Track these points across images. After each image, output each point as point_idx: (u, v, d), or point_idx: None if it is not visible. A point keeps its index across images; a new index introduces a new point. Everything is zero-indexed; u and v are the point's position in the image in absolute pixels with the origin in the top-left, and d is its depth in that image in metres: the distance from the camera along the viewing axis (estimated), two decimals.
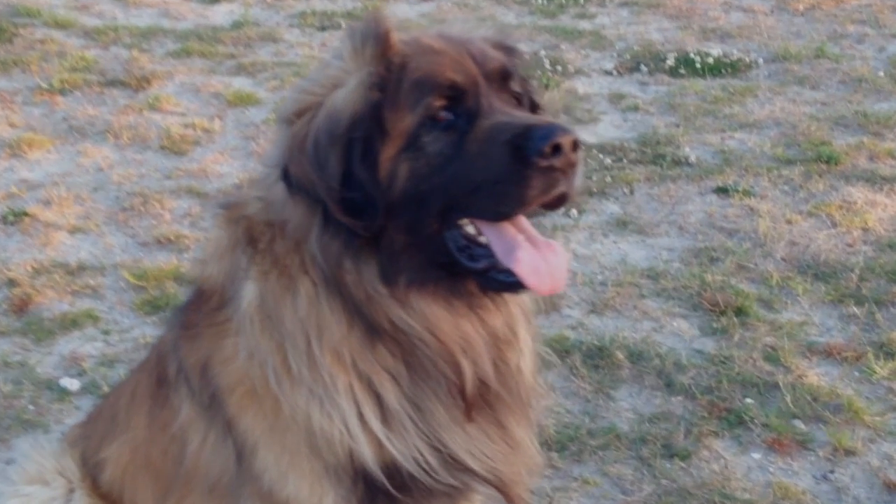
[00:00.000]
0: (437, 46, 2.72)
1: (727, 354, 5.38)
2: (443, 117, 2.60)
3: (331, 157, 2.57)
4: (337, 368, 2.68)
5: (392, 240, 2.63)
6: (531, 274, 2.57)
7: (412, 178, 2.59)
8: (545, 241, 2.67)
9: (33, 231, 6.76)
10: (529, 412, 2.99)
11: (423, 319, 2.67)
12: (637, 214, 7.02)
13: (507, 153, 2.51)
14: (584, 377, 5.23)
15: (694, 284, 6.06)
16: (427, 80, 2.62)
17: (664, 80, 9.66)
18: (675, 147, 8.06)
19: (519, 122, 2.58)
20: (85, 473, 3.44)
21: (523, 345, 2.91)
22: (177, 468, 3.14)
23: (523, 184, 2.49)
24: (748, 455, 4.71)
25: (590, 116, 8.80)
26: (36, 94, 9.29)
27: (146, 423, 3.26)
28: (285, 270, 2.71)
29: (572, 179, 2.55)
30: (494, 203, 2.54)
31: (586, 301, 5.96)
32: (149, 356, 3.46)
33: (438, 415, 2.75)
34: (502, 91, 2.72)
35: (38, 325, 5.67)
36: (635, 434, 4.82)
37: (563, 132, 2.49)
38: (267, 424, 2.81)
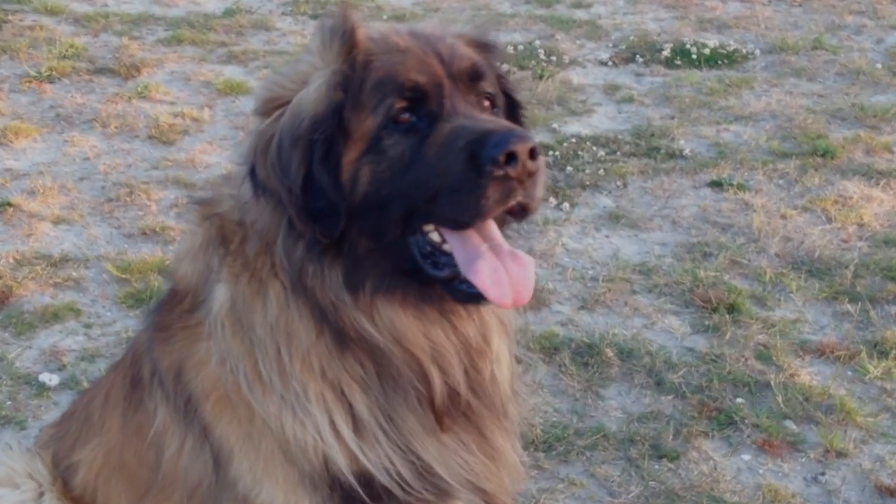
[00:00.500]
0: (402, 45, 2.62)
1: (718, 353, 5.29)
2: (404, 119, 2.51)
3: (293, 158, 2.48)
4: (307, 376, 2.60)
5: (355, 245, 2.55)
6: (491, 286, 2.46)
7: (373, 183, 2.50)
8: (510, 251, 2.55)
9: (17, 221, 6.66)
10: (508, 421, 2.90)
11: (391, 327, 2.58)
12: (630, 208, 6.93)
13: (462, 160, 2.41)
14: (572, 375, 5.14)
15: (686, 280, 5.98)
16: (389, 80, 2.53)
17: (660, 72, 9.55)
18: (669, 140, 7.96)
19: (476, 127, 2.47)
20: (56, 476, 3.35)
21: (498, 353, 2.81)
22: (152, 473, 3.05)
23: (478, 193, 2.38)
24: (738, 456, 4.63)
25: (584, 108, 8.69)
26: (24, 82, 9.17)
27: (120, 426, 3.17)
28: (256, 273, 2.62)
29: (532, 189, 2.44)
30: (452, 211, 2.44)
31: (577, 297, 5.87)
32: (124, 356, 3.37)
33: (411, 425, 2.67)
34: (470, 92, 2.62)
35: (18, 319, 5.58)
36: (624, 434, 4.74)
37: (519, 139, 2.38)
38: (242, 431, 2.73)
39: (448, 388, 2.67)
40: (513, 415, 2.95)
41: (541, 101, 8.70)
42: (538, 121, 8.28)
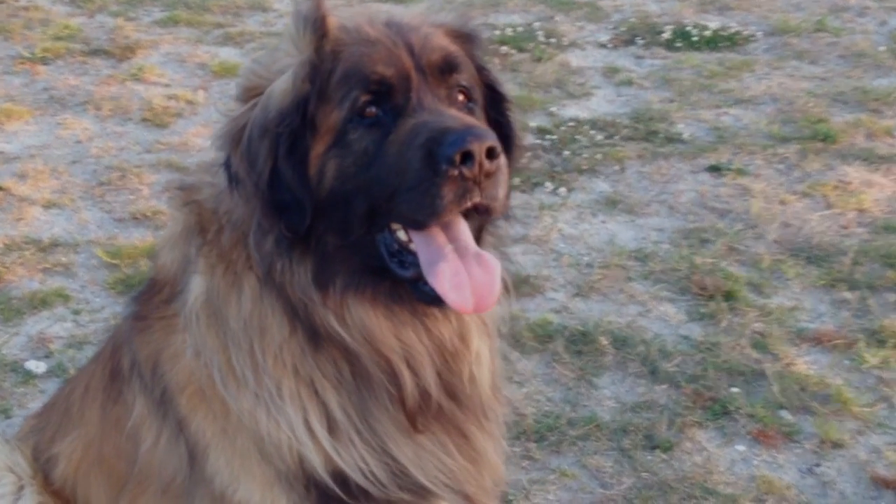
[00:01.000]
0: (372, 35, 2.54)
1: (714, 341, 5.22)
2: (370, 113, 2.43)
3: (260, 151, 2.42)
4: (280, 373, 2.53)
5: (323, 241, 2.48)
6: (451, 290, 2.38)
7: (339, 178, 2.43)
8: (476, 254, 2.46)
9: (7, 206, 6.60)
10: (489, 423, 2.83)
11: (360, 327, 2.51)
12: (627, 193, 6.84)
13: (420, 158, 2.34)
14: (566, 363, 5.07)
15: (683, 267, 5.90)
16: (354, 72, 2.45)
17: (660, 54, 9.44)
18: (668, 123, 7.87)
19: (436, 124, 2.39)
20: (36, 469, 3.30)
21: (478, 354, 2.72)
22: (130, 467, 2.99)
23: (433, 192, 2.31)
24: (732, 447, 4.57)
25: (582, 91, 8.59)
26: (17, 63, 9.10)
27: (99, 419, 3.11)
28: (231, 265, 2.55)
29: (491, 190, 2.35)
30: (410, 210, 2.37)
31: (571, 283, 5.80)
32: (104, 346, 3.31)
33: (385, 425, 2.60)
34: (441, 85, 2.53)
35: (6, 305, 5.52)
36: (617, 424, 4.67)
37: (476, 138, 2.29)
38: (218, 426, 2.67)
39: (419, 390, 2.60)
40: (495, 416, 2.87)
41: (539, 84, 8.61)
42: (536, 104, 8.20)
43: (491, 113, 2.71)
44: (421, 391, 2.60)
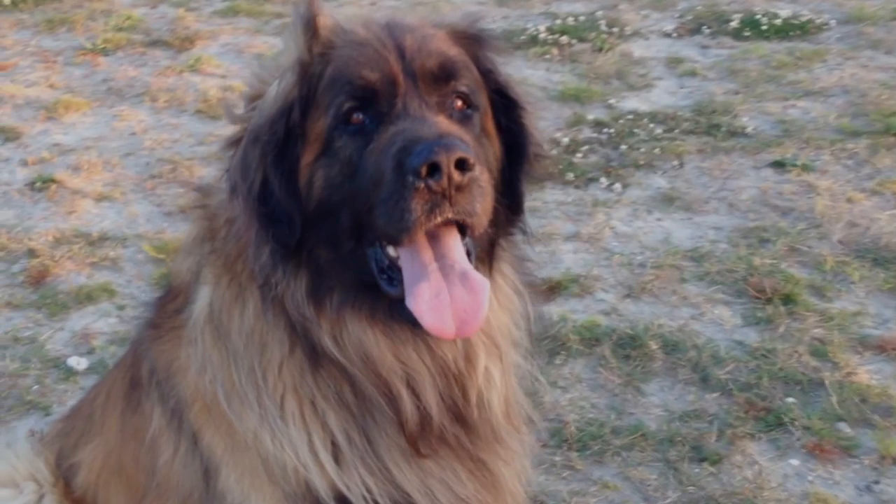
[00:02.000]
0: (362, 37, 2.40)
1: (770, 347, 4.98)
2: (356, 120, 2.31)
3: (253, 159, 2.32)
4: (281, 392, 2.42)
5: (315, 255, 2.36)
6: (428, 312, 2.23)
7: (327, 188, 2.31)
8: (462, 273, 2.29)
9: (59, 198, 6.62)
10: (506, 448, 2.67)
11: (357, 346, 2.38)
12: (685, 189, 6.61)
13: (391, 169, 2.20)
14: (613, 369, 4.90)
15: (740, 268, 5.66)
16: (340, 77, 2.33)
17: (727, 44, 9.14)
18: (731, 116, 7.59)
19: (411, 132, 2.23)
20: (58, 476, 3.25)
21: (487, 377, 2.56)
22: (149, 478, 2.91)
23: (403, 206, 2.17)
24: (785, 461, 4.35)
25: (643, 82, 8.35)
26: (78, 55, 9.18)
27: (119, 427, 3.04)
28: (236, 277, 2.45)
29: (466, 205, 2.19)
30: (384, 224, 2.23)
31: (622, 284, 5.61)
32: (127, 352, 3.24)
33: (390, 450, 2.48)
34: (434, 92, 2.38)
35: (52, 299, 5.52)
36: (663, 434, 4.49)
37: (444, 149, 2.13)
38: (227, 443, 2.57)
39: (420, 413, 2.46)
40: (513, 442, 2.71)
41: (598, 76, 8.39)
42: (594, 96, 7.99)
43: (501, 120, 2.55)
44: (422, 414, 2.46)
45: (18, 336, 5.23)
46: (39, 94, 8.30)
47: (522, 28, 9.51)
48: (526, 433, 2.85)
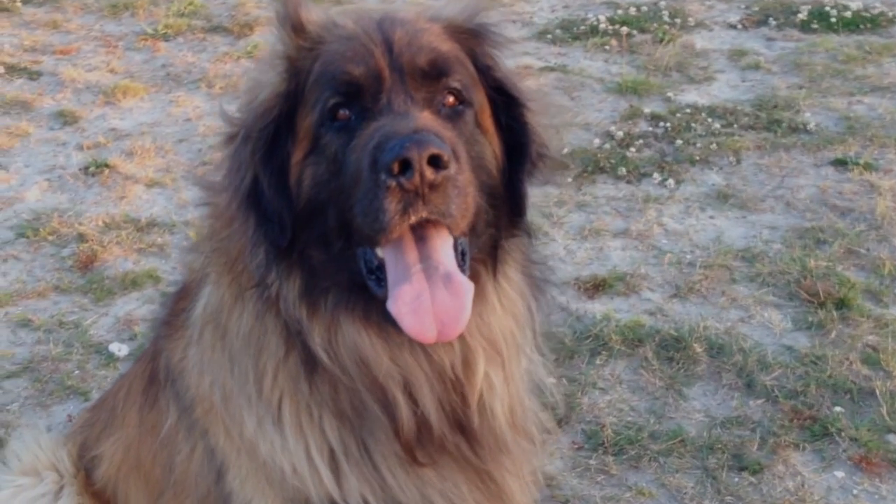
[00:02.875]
0: (350, 31, 2.34)
1: (820, 353, 4.82)
2: (342, 116, 2.24)
3: (244, 156, 2.28)
4: (278, 397, 2.37)
5: (307, 255, 2.31)
6: (408, 315, 2.15)
7: (315, 186, 2.26)
8: (446, 275, 2.21)
9: (112, 183, 6.68)
10: (510, 460, 2.58)
11: (352, 349, 2.31)
12: (741, 187, 6.43)
13: (367, 166, 2.13)
14: (655, 371, 4.77)
15: (793, 270, 5.48)
16: (326, 71, 2.28)
17: (793, 36, 8.87)
18: (793, 112, 7.36)
19: (388, 128, 2.16)
20: (80, 468, 3.26)
21: (491, 382, 2.48)
22: (166, 475, 2.90)
23: (377, 205, 2.10)
24: (830, 473, 4.20)
25: (704, 75, 8.14)
26: (139, 40, 9.26)
27: (137, 423, 3.04)
28: (237, 277, 2.40)
29: (441, 205, 2.11)
30: (361, 224, 2.16)
31: (670, 283, 5.47)
32: (148, 346, 3.23)
33: (387, 458, 2.41)
34: (423, 88, 2.30)
35: (98, 285, 5.57)
36: (703, 440, 4.36)
37: (416, 145, 2.05)
38: (232, 445, 2.54)
39: (417, 420, 2.39)
40: (518, 451, 2.62)
41: (658, 68, 8.21)
42: (652, 89, 7.81)
43: (501, 117, 2.46)
44: (419, 421, 2.39)
45: (63, 320, 5.28)
46: (99, 79, 8.38)
47: (583, 18, 9.35)
48: (538, 442, 2.75)
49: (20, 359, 4.99)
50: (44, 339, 5.12)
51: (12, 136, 7.35)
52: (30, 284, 5.59)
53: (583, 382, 4.71)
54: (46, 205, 6.43)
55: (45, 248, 5.93)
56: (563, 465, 4.26)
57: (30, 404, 4.69)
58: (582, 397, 4.62)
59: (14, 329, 5.22)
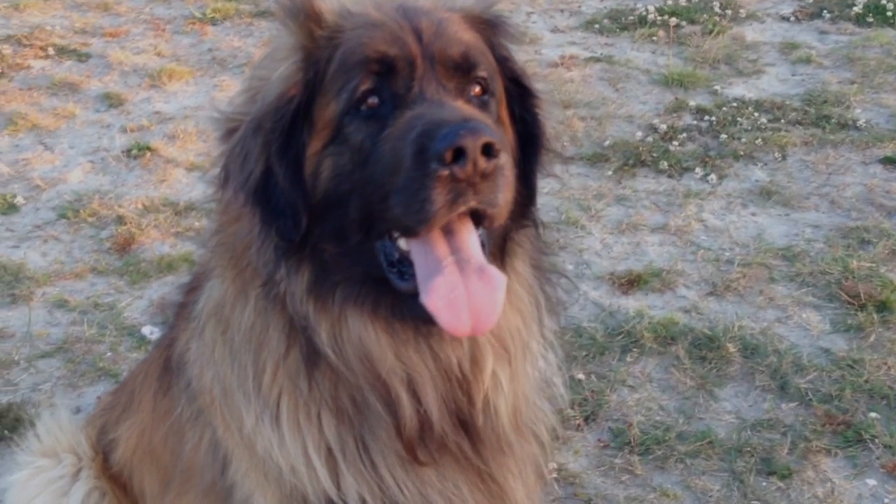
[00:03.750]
0: (375, 19, 2.30)
1: (857, 357, 4.70)
2: (371, 104, 2.19)
3: (254, 148, 2.23)
4: (277, 393, 2.35)
5: (320, 249, 2.26)
6: (443, 308, 2.10)
7: (335, 177, 2.21)
8: (479, 267, 2.17)
9: (153, 166, 6.73)
10: (513, 458, 2.54)
11: (357, 344, 2.28)
12: (785, 183, 6.29)
13: (411, 155, 2.07)
14: (686, 370, 4.70)
15: (835, 270, 5.36)
16: (353, 57, 2.22)
17: (847, 29, 8.67)
18: (843, 107, 7.19)
19: (432, 116, 2.12)
20: (98, 451, 3.29)
21: (498, 381, 2.44)
22: (175, 463, 2.91)
23: (424, 194, 2.04)
24: (861, 480, 4.10)
25: (753, 68, 7.99)
26: (188, 24, 9.30)
27: (151, 408, 3.05)
28: (242, 271, 2.38)
29: (489, 195, 2.07)
30: (401, 215, 2.11)
31: (706, 281, 5.38)
32: (165, 333, 3.24)
33: (386, 457, 2.38)
34: (453, 78, 2.26)
35: (135, 267, 5.62)
36: (732, 443, 4.28)
37: (471, 133, 2.01)
38: (234, 438, 2.53)
39: (419, 418, 2.35)
40: (521, 452, 2.57)
41: (706, 60, 8.07)
42: (699, 81, 7.68)
43: (515, 109, 2.43)
44: (421, 419, 2.35)
45: (99, 302, 5.33)
46: (146, 62, 8.45)
47: (631, 8, 9.23)
48: (545, 443, 2.70)
49: (55, 339, 5.05)
50: (79, 320, 5.18)
51: (59, 118, 7.43)
52: (68, 265, 5.66)
53: (612, 379, 4.65)
54: (88, 186, 6.49)
55: (85, 230, 6.00)
56: (587, 463, 4.21)
57: (62, 385, 4.74)
58: (611, 394, 4.56)
59: (51, 309, 5.29)
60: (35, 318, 5.18)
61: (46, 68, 8.30)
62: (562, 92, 7.50)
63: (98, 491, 3.13)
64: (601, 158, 6.62)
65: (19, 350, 4.94)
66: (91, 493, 3.12)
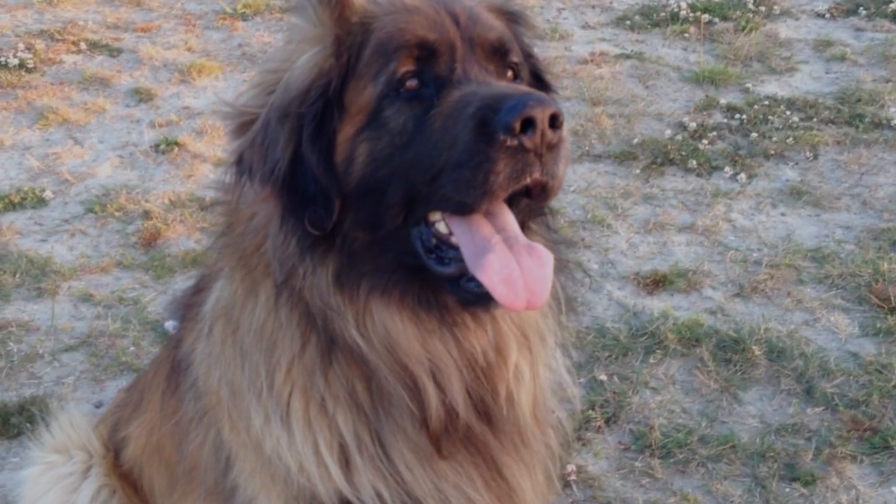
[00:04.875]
0: (410, 4, 2.30)
1: (886, 362, 4.62)
2: (410, 86, 2.18)
3: (280, 136, 2.19)
4: (289, 391, 2.34)
5: (351, 238, 2.24)
6: (500, 284, 2.10)
7: (372, 163, 2.18)
8: (527, 245, 2.18)
9: (181, 162, 6.75)
10: (528, 452, 2.52)
11: (383, 334, 2.25)
12: (816, 183, 6.20)
13: (471, 129, 2.06)
14: (710, 372, 4.64)
15: (865, 273, 5.27)
16: (392, 40, 2.21)
17: (883, 27, 8.53)
18: (877, 106, 7.08)
19: (492, 90, 2.13)
20: (110, 448, 3.29)
21: (520, 372, 2.43)
22: (180, 463, 2.91)
23: (487, 167, 2.03)
24: (887, 488, 4.03)
25: (786, 66, 7.88)
26: (219, 19, 9.32)
27: (159, 408, 3.05)
28: (251, 271, 2.37)
29: (552, 166, 2.08)
30: (457, 191, 2.09)
31: (733, 282, 5.31)
32: (174, 332, 3.24)
33: (403, 451, 2.35)
34: (491, 61, 2.28)
35: (160, 262, 5.64)
36: (755, 447, 4.22)
37: (539, 104, 2.02)
38: (238, 440, 2.51)
39: (445, 409, 2.33)
40: (537, 445, 2.56)
41: (738, 57, 7.97)
42: (730, 79, 7.59)
43: None
44: (447, 410, 2.33)
45: (124, 297, 5.36)
46: (177, 57, 8.47)
47: (663, 4, 9.13)
48: (554, 445, 2.68)
49: (79, 333, 5.07)
50: (103, 314, 5.21)
51: (89, 112, 7.47)
52: (94, 259, 5.69)
53: (634, 381, 4.60)
54: (116, 181, 6.52)
55: (112, 224, 6.03)
56: (607, 466, 4.17)
57: (85, 379, 4.77)
58: (633, 396, 4.51)
59: (76, 303, 5.32)
60: (60, 311, 5.22)
61: (78, 63, 8.35)
62: (591, 89, 7.45)
63: (108, 488, 3.14)
64: (629, 157, 6.56)
65: (43, 343, 4.97)
66: (101, 490, 3.12)
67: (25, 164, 6.67)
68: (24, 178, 6.53)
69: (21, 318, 5.15)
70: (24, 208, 6.16)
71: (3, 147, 6.90)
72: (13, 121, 7.27)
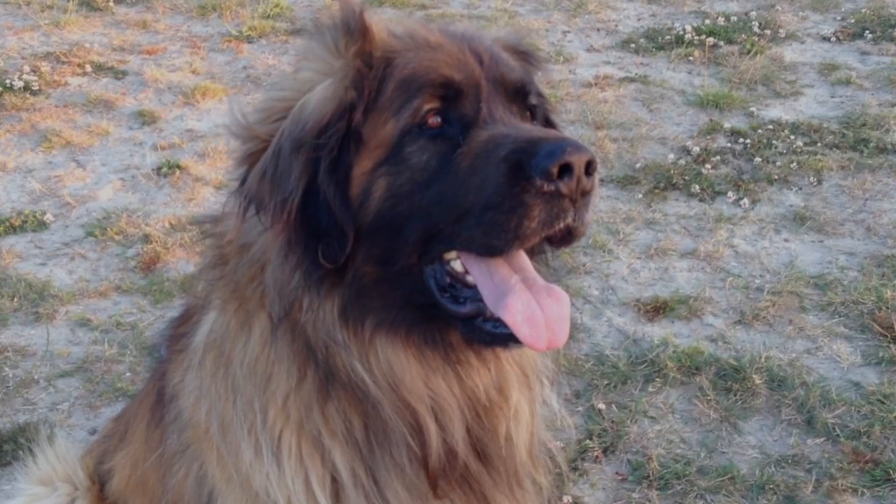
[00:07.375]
0: (433, 41, 2.27)
1: (888, 392, 4.56)
2: (434, 124, 2.15)
3: (293, 166, 2.14)
4: (282, 426, 2.30)
5: (360, 273, 2.20)
6: (524, 324, 2.09)
7: (390, 198, 2.14)
8: (546, 286, 2.18)
9: (182, 185, 6.74)
10: (522, 492, 2.49)
11: (387, 370, 2.22)
12: (820, 209, 6.16)
13: (504, 172, 2.04)
14: (710, 401, 4.58)
15: (868, 300, 5.22)
16: (417, 77, 2.18)
17: (889, 50, 8.51)
18: (883, 131, 7.04)
19: (523, 134, 2.11)
20: (95, 480, 3.26)
21: (517, 411, 2.41)
22: (163, 496, 2.87)
23: (521, 211, 2.01)
24: None
25: (791, 90, 7.85)
26: (224, 41, 9.35)
27: (143, 439, 3.01)
28: (244, 303, 2.33)
29: (582, 212, 2.06)
30: (485, 234, 2.06)
31: (734, 309, 5.26)
32: (159, 364, 3.21)
33: (397, 489, 2.32)
34: (513, 102, 2.27)
35: (158, 286, 5.61)
36: (755, 479, 4.16)
37: (577, 150, 2.01)
38: (223, 474, 2.47)
39: (445, 447, 2.30)
40: (530, 485, 2.52)
41: (743, 81, 7.94)
42: (735, 103, 7.56)
43: None
44: (447, 449, 2.30)
45: (121, 321, 5.33)
46: (181, 80, 8.49)
47: (669, 27, 9.12)
48: (544, 485, 2.64)
49: (75, 358, 5.05)
50: (100, 339, 5.18)
51: (92, 135, 7.48)
52: (93, 283, 5.67)
53: (633, 410, 4.54)
54: (117, 204, 6.52)
55: (111, 248, 6.02)
56: (603, 497, 4.12)
57: (80, 405, 4.74)
58: (631, 426, 4.46)
59: (73, 328, 5.30)
60: (57, 336, 5.20)
61: (83, 85, 8.37)
62: (595, 112, 7.43)
63: None
64: (632, 181, 6.53)
65: (39, 368, 4.95)
66: None
67: (28, 187, 6.67)
68: (26, 200, 6.53)
69: (17, 342, 5.13)
70: (24, 231, 6.16)
71: (6, 170, 6.91)
72: (17, 143, 7.29)
